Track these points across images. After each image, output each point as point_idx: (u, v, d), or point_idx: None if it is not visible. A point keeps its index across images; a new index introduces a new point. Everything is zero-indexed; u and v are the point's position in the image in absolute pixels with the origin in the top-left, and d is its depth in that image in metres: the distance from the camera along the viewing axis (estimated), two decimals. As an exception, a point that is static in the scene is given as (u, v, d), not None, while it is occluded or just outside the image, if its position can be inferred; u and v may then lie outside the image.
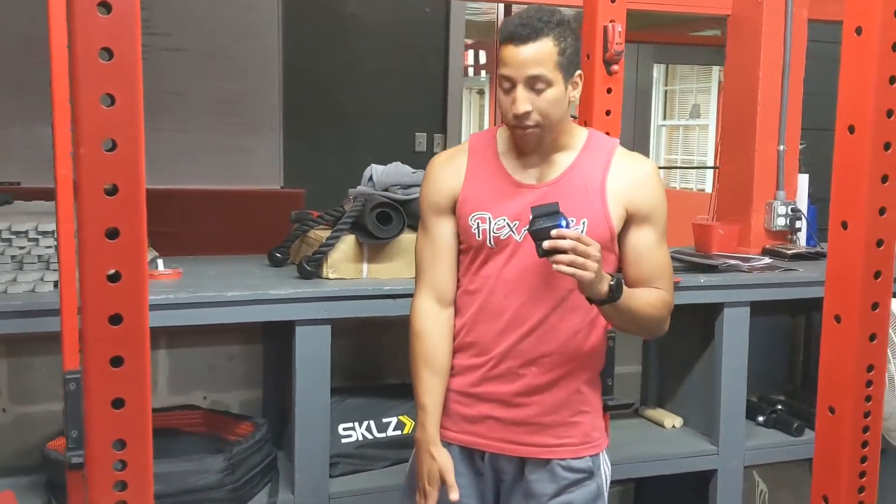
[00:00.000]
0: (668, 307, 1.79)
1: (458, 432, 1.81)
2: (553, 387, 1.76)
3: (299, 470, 2.25)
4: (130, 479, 1.04)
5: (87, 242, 0.99)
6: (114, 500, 1.04)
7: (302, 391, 2.23)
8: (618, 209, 1.74)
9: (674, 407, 2.88)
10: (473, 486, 1.81)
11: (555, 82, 1.67)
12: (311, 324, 2.21)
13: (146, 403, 1.04)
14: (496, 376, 1.77)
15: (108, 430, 1.02)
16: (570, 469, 1.75)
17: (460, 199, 1.81)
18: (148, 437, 1.05)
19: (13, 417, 2.34)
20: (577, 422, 1.77)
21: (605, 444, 1.83)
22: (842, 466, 1.40)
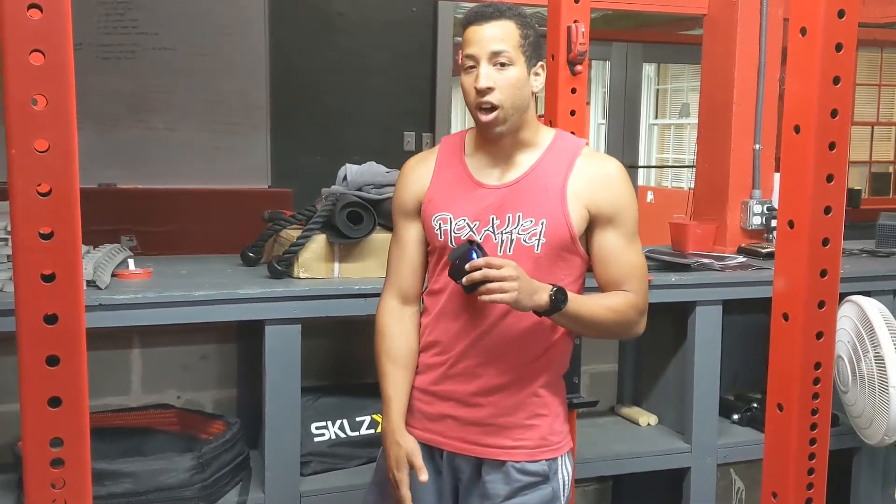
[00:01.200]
0: (636, 309, 1.77)
1: (419, 429, 1.82)
2: (510, 388, 1.75)
3: (270, 468, 2.26)
4: (68, 476, 1.05)
5: (21, 244, 1.00)
6: (51, 498, 1.05)
7: (272, 390, 2.24)
8: (579, 210, 1.72)
9: (649, 405, 2.89)
10: (433, 483, 1.81)
11: (516, 63, 1.67)
12: (281, 323, 2.22)
13: (83, 402, 1.05)
14: (455, 375, 1.77)
15: (45, 429, 1.04)
16: (525, 472, 1.74)
17: (425, 200, 1.83)
18: (85, 434, 1.06)
19: (-13, 416, 2.35)
20: (533, 424, 1.76)
21: (565, 448, 1.81)
22: (789, 463, 1.42)
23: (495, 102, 1.67)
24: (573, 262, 1.75)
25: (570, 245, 1.73)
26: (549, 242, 1.71)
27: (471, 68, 1.68)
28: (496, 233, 1.73)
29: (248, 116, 5.18)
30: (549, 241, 1.71)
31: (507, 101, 1.67)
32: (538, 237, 1.71)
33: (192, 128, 4.94)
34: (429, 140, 5.74)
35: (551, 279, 1.70)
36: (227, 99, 5.06)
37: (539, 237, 1.71)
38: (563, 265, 1.74)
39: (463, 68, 1.70)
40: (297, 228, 2.45)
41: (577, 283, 1.79)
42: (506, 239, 1.72)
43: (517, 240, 1.72)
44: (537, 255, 1.71)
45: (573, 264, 1.75)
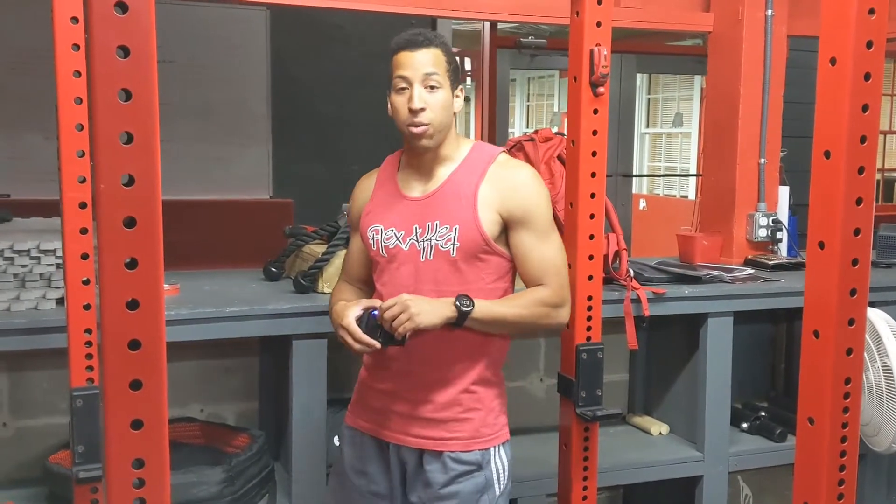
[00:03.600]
0: (550, 303, 1.88)
1: (368, 422, 1.94)
2: (444, 384, 1.87)
3: (297, 481, 2.30)
4: (148, 495, 1.10)
5: (108, 272, 1.05)
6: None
7: (299, 404, 2.29)
8: (490, 215, 1.84)
9: (660, 414, 2.95)
10: (383, 473, 1.93)
11: (444, 86, 1.84)
12: (308, 338, 2.27)
13: (163, 424, 1.09)
14: (395, 373, 1.89)
15: (128, 450, 1.08)
16: (460, 461, 1.85)
17: (363, 213, 1.99)
18: (165, 455, 1.10)
19: (14, 431, 2.39)
20: (468, 418, 1.87)
21: (498, 440, 1.91)
22: (821, 474, 1.47)
23: (426, 122, 1.83)
24: (493, 263, 1.87)
25: (485, 247, 1.85)
26: (463, 246, 1.84)
27: (402, 90, 1.84)
28: (418, 240, 1.86)
29: (248, 127, 5.22)
30: (463, 244, 1.84)
31: (437, 120, 1.84)
32: (453, 242, 1.84)
33: (193, 139, 4.97)
34: (427, 150, 5.78)
35: (473, 278, 1.86)
36: (228, 110, 5.10)
37: (454, 242, 1.84)
38: (482, 266, 1.87)
39: (395, 89, 1.86)
40: (319, 244, 2.50)
41: (502, 280, 1.91)
42: (426, 246, 1.86)
43: (435, 245, 1.85)
44: (454, 259, 1.84)
45: (493, 264, 1.88)
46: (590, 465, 2.19)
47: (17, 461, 2.36)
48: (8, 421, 2.38)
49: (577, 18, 2.04)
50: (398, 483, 1.93)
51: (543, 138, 2.47)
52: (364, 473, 1.94)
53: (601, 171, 2.05)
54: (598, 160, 2.07)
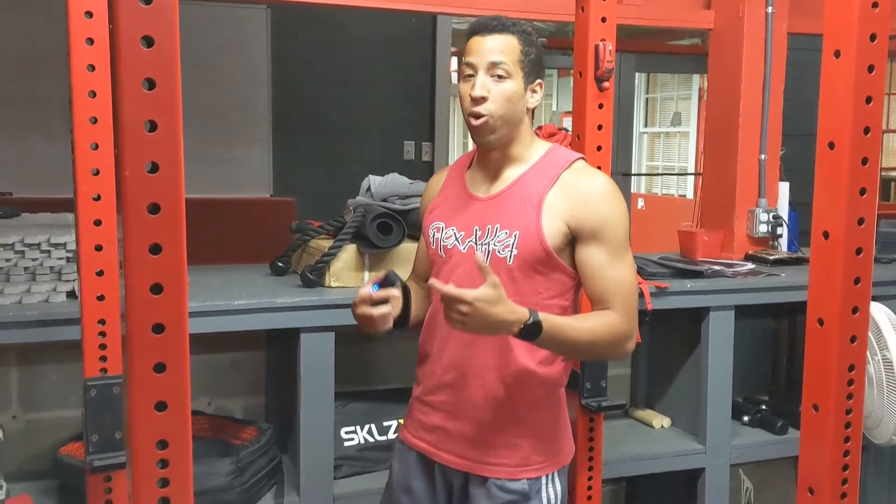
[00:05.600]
0: (620, 332, 1.71)
1: (416, 438, 1.88)
2: (494, 404, 1.76)
3: (304, 472, 2.32)
4: (172, 476, 1.12)
5: (132, 257, 1.07)
6: (157, 496, 1.12)
7: (307, 396, 2.31)
8: (555, 224, 1.71)
9: (662, 408, 2.98)
10: (429, 492, 1.86)
11: (514, 76, 1.71)
12: (316, 331, 2.29)
13: (186, 406, 1.12)
14: (444, 385, 1.81)
15: (152, 432, 1.10)
16: (505, 489, 1.75)
17: (428, 210, 1.93)
18: (188, 436, 1.12)
19: (24, 424, 2.41)
20: (516, 444, 1.77)
21: (549, 469, 1.80)
22: (826, 460, 1.50)
23: (485, 113, 1.71)
24: (554, 278, 1.75)
25: (545, 259, 1.72)
26: (521, 255, 1.72)
27: (469, 76, 1.73)
28: (478, 243, 1.77)
29: (250, 127, 5.25)
30: (521, 253, 1.72)
31: (498, 112, 1.72)
32: (511, 249, 1.73)
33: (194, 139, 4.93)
34: (428, 149, 5.82)
35: (529, 291, 1.73)
36: (230, 110, 5.13)
37: (512, 248, 1.72)
38: (541, 279, 1.74)
39: (462, 76, 1.75)
40: (325, 239, 2.52)
41: (562, 298, 1.77)
42: (484, 250, 1.75)
43: (493, 251, 1.74)
44: (510, 267, 1.73)
45: (554, 279, 1.75)
46: (594, 455, 2.23)
47: (27, 454, 2.38)
48: (18, 414, 2.40)
49: (582, 14, 2.07)
50: (444, 502, 1.85)
51: (548, 134, 2.50)
52: (409, 491, 1.87)
53: (606, 165, 2.08)
54: (604, 154, 2.10)
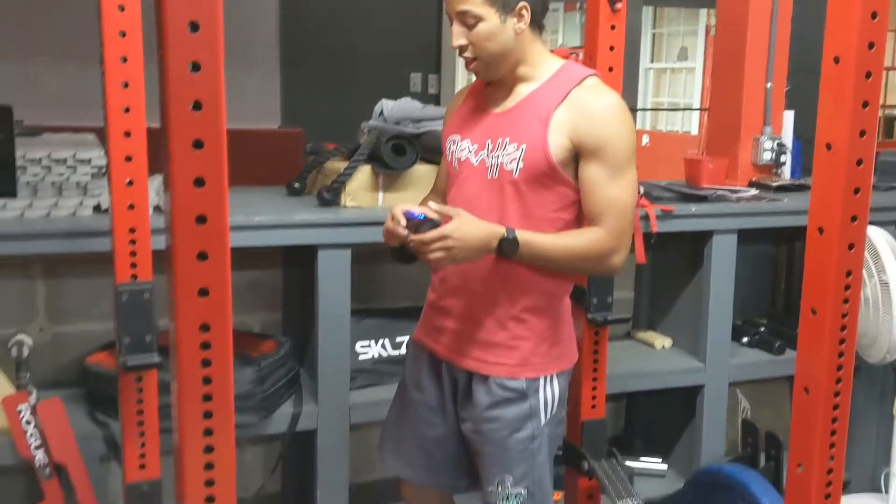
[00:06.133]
0: (604, 247, 1.78)
1: (427, 340, 1.99)
2: (495, 308, 1.85)
3: (322, 383, 2.43)
4: (214, 356, 1.21)
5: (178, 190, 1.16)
6: (200, 375, 1.21)
7: (324, 311, 2.40)
8: (560, 140, 1.76)
9: (664, 329, 3.08)
10: (436, 388, 1.97)
11: (485, 16, 1.74)
12: (333, 248, 2.37)
13: (227, 293, 1.21)
14: (452, 291, 1.90)
15: (195, 315, 1.19)
16: (504, 387, 1.85)
17: (447, 123, 2.00)
18: (228, 320, 1.21)
19: (51, 336, 2.50)
20: (515, 346, 1.86)
21: (548, 370, 1.88)
22: (822, 361, 1.59)
23: (470, 56, 1.79)
24: (558, 191, 1.80)
25: (549, 172, 1.78)
26: (527, 168, 1.77)
27: (451, 24, 1.81)
28: (489, 156, 1.83)
29: (258, 58, 5.26)
30: (527, 166, 1.77)
31: (482, 54, 1.78)
32: (517, 162, 1.78)
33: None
34: (434, 82, 5.84)
35: (534, 204, 1.79)
36: (238, 40, 5.12)
37: (518, 162, 1.78)
38: (546, 193, 1.79)
39: None
40: (340, 160, 2.59)
41: (566, 211, 1.82)
42: (494, 163, 1.82)
43: (501, 164, 1.80)
44: (516, 180, 1.79)
45: (559, 193, 1.80)
46: (599, 367, 2.33)
47: (54, 365, 2.48)
48: (45, 326, 2.49)
49: (595, -65, 2.11)
50: (450, 399, 1.95)
51: (560, 57, 2.54)
52: (420, 387, 1.98)
53: (618, 86, 2.13)
54: (615, 75, 2.15)
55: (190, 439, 1.25)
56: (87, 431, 2.23)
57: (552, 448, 1.94)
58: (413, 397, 2.01)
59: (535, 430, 1.87)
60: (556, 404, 1.90)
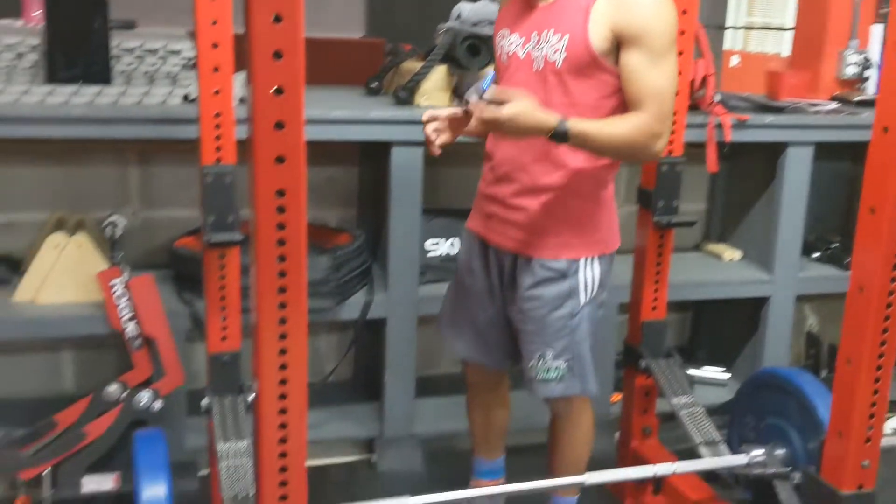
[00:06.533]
0: (647, 132, 1.83)
1: (477, 226, 2.09)
2: (540, 193, 1.94)
3: (392, 275, 2.54)
4: (288, 221, 1.32)
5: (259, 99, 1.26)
6: (276, 238, 1.32)
7: (397, 208, 2.50)
8: (600, 30, 1.81)
9: (734, 242, 3.09)
10: (485, 272, 2.08)
11: None
12: (406, 146, 2.45)
13: (302, 162, 1.30)
14: (500, 178, 1.99)
15: (273, 181, 1.29)
16: (546, 267, 1.96)
17: (498, 19, 2.06)
18: (303, 219, 1.32)
19: (142, 220, 2.67)
20: (559, 229, 1.95)
21: (588, 252, 1.97)
22: (878, 256, 1.62)
23: None
24: (601, 80, 1.85)
25: (591, 62, 1.83)
26: (570, 58, 1.83)
27: None
28: (534, 48, 1.89)
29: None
30: (570, 56, 1.83)
31: None
32: (560, 52, 1.84)
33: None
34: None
35: (577, 93, 1.85)
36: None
37: (561, 52, 1.84)
38: (588, 82, 1.85)
39: None
40: (416, 61, 2.64)
41: (610, 99, 1.87)
42: (538, 55, 1.88)
43: (545, 55, 1.86)
44: (559, 70, 1.85)
45: (602, 81, 1.85)
46: (662, 270, 2.37)
47: (144, 248, 2.65)
48: (137, 210, 2.65)
49: None
50: (497, 283, 2.06)
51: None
52: (472, 272, 2.10)
53: None
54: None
55: (266, 326, 1.37)
56: (175, 309, 2.40)
57: (592, 328, 2.03)
58: (466, 282, 2.12)
59: (575, 309, 1.97)
60: (595, 286, 2.00)
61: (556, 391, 2.01)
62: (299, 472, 1.45)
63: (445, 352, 3.03)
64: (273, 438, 1.42)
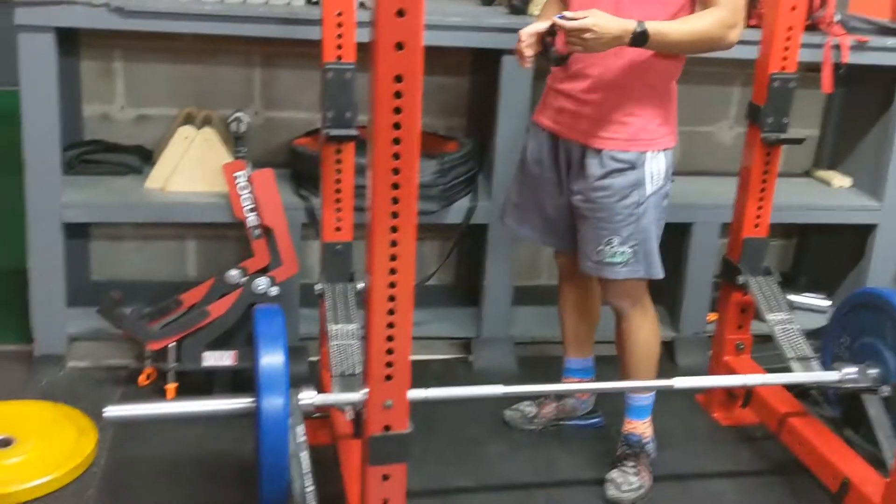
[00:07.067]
0: (722, 24, 1.93)
1: (547, 120, 2.17)
2: (612, 88, 2.03)
3: (497, 183, 2.62)
4: (404, 106, 1.41)
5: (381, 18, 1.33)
6: (392, 122, 1.41)
7: (505, 117, 2.57)
8: None
9: (844, 169, 3.05)
10: (553, 163, 2.17)
11: None
12: (517, 55, 2.50)
13: (419, 48, 1.38)
14: (572, 75, 2.07)
15: (392, 67, 1.38)
16: (616, 159, 2.05)
17: None
18: (419, 72, 1.40)
19: (263, 120, 2.81)
20: (628, 122, 2.04)
21: (656, 146, 2.07)
22: None
23: None
24: None
25: None
26: None
27: None
28: None
29: None
30: None
31: None
32: None
33: None
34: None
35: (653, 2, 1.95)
36: None
37: None
38: None
39: None
40: (531, -29, 2.67)
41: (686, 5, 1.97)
42: None
43: None
44: None
45: None
46: (766, 188, 2.38)
47: (265, 147, 2.80)
48: (259, 110, 2.80)
49: None
50: (564, 173, 2.16)
51: None
52: (539, 162, 2.19)
53: None
54: None
55: (380, 221, 1.46)
56: (292, 203, 2.54)
57: (657, 217, 2.12)
58: (535, 173, 2.21)
59: (641, 198, 2.07)
60: (661, 177, 2.09)
61: (622, 274, 2.10)
62: (404, 355, 1.56)
63: (543, 263, 3.11)
64: (382, 323, 1.53)
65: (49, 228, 2.43)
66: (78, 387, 2.47)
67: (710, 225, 2.78)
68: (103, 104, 2.74)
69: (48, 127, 2.37)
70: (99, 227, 2.79)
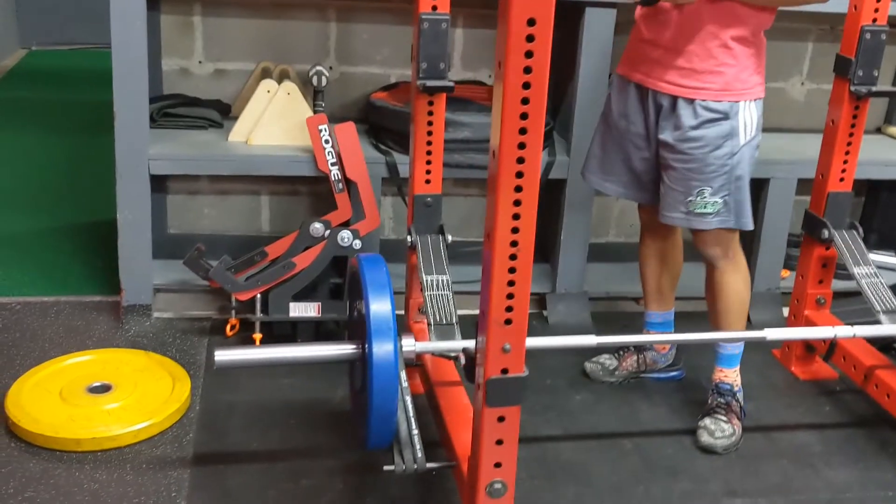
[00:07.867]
0: None
1: (634, 71, 2.16)
2: (705, 38, 2.02)
3: (576, 138, 2.62)
4: (535, 49, 1.42)
5: None
6: (521, 81, 1.42)
7: (584, 70, 2.56)
8: None
9: (918, 126, 3.02)
10: (640, 115, 2.16)
11: None
12: (599, 6, 2.49)
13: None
14: (662, 24, 2.06)
15: (524, 10, 1.38)
16: (709, 109, 2.05)
17: None
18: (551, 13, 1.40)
19: (338, 74, 2.82)
20: (720, 72, 2.03)
21: (749, 96, 2.07)
22: None
23: None
24: None
25: None
26: None
27: None
28: None
29: None
30: None
31: None
32: None
33: None
34: None
35: None
36: None
37: None
38: None
39: None
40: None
41: None
42: None
43: None
44: None
45: None
46: (853, 141, 2.37)
47: (339, 101, 2.81)
48: (334, 65, 2.80)
49: None
50: (653, 125, 2.15)
51: None
52: (625, 115, 2.19)
53: None
54: None
55: (506, 163, 1.47)
56: (372, 156, 2.56)
57: (749, 169, 2.12)
58: (620, 126, 2.20)
59: (734, 149, 2.07)
60: (754, 127, 2.09)
61: (713, 224, 2.11)
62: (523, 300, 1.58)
63: (612, 220, 3.12)
64: (504, 268, 1.55)
65: (137, 180, 2.46)
66: (164, 336, 2.52)
67: (787, 181, 2.77)
68: (182, 59, 2.76)
69: (136, 81, 2.39)
70: (176, 182, 2.82)
